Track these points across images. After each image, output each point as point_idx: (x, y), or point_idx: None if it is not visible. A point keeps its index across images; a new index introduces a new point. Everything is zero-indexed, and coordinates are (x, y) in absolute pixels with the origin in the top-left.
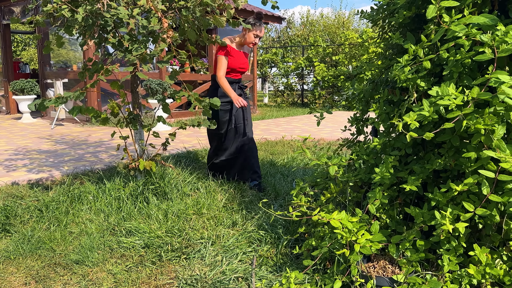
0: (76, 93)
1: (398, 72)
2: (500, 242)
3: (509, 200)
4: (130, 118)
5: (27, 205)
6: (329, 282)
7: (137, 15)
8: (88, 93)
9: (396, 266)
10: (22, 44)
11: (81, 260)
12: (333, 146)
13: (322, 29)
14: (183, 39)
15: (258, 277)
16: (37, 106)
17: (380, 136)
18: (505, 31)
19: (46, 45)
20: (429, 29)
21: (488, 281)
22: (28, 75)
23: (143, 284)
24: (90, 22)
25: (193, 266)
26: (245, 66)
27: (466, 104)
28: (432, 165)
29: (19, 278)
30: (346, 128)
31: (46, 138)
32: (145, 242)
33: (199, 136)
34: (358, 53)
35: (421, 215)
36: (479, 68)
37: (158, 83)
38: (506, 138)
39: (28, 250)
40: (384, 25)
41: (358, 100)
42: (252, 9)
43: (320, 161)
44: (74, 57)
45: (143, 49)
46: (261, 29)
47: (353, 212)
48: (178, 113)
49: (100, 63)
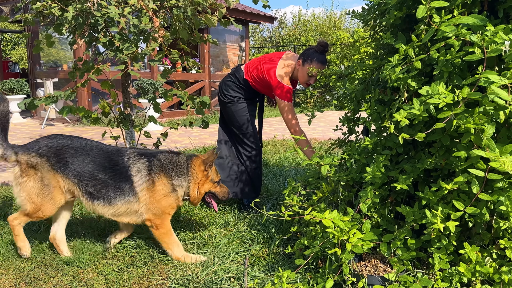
0: (66, 92)
1: (389, 72)
2: (490, 240)
3: (498, 198)
4: (121, 118)
5: (18, 206)
6: (321, 281)
7: (128, 14)
8: (79, 93)
9: (388, 265)
10: (12, 43)
11: (72, 261)
12: (324, 146)
13: (314, 29)
14: (174, 38)
15: (251, 276)
16: (27, 105)
17: (372, 135)
18: (494, 31)
19: (36, 44)
20: (419, 29)
21: (478, 279)
22: (17, 75)
23: (135, 284)
24: (80, 21)
25: (185, 267)
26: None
27: (457, 104)
28: (423, 164)
29: (9, 280)
30: (337, 127)
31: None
32: (136, 243)
33: (191, 136)
34: (350, 53)
35: (412, 214)
36: (469, 68)
37: (150, 83)
38: (496, 137)
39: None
40: (375, 25)
41: (350, 100)
42: (244, 8)
43: (312, 161)
44: (64, 57)
45: (134, 48)
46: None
47: (345, 211)
48: (170, 112)
49: (90, 62)
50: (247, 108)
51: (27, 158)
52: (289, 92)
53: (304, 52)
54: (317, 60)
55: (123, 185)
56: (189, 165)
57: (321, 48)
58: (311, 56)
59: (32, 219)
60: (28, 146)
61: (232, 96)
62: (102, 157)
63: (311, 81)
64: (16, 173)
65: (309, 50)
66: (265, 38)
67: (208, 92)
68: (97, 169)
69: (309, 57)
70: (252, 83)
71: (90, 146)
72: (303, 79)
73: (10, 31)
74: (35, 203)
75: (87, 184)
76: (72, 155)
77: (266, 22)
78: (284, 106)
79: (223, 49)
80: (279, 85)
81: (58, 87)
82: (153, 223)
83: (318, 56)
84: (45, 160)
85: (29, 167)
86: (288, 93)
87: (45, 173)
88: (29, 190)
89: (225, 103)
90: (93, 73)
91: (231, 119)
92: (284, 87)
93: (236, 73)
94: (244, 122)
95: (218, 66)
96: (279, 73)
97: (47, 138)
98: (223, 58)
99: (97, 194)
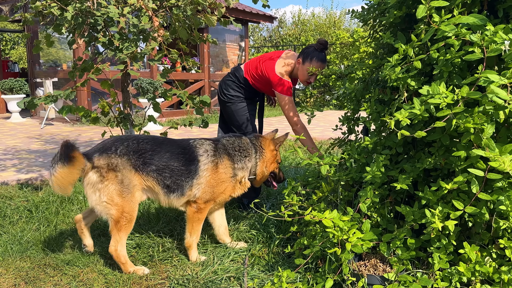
0: (66, 92)
1: (388, 72)
2: (489, 240)
3: (498, 198)
4: (121, 118)
5: (17, 206)
6: (320, 281)
7: (128, 14)
8: (78, 92)
9: (387, 265)
10: (11, 43)
11: (72, 261)
12: (324, 145)
13: (314, 29)
14: (174, 38)
15: (250, 276)
16: (27, 104)
17: (371, 135)
18: (494, 31)
19: (36, 44)
20: (419, 28)
21: (477, 279)
22: (17, 74)
23: (134, 284)
24: (80, 21)
25: (185, 266)
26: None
27: (456, 103)
28: (423, 164)
29: (9, 280)
30: (337, 127)
31: (35, 138)
32: (136, 242)
33: (190, 136)
34: (349, 52)
35: (412, 213)
36: (469, 68)
37: (149, 82)
38: (495, 137)
39: (18, 251)
40: (375, 25)
41: (349, 99)
42: (243, 8)
43: (311, 161)
44: (64, 56)
45: (133, 47)
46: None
47: (345, 211)
48: (169, 112)
49: (90, 62)
50: (247, 108)
51: (107, 161)
52: (290, 89)
53: (304, 50)
54: (317, 58)
55: (192, 167)
56: (258, 145)
57: (321, 46)
58: (311, 55)
59: (121, 227)
60: (100, 150)
61: (232, 95)
62: (173, 146)
63: (311, 79)
64: (93, 180)
65: (309, 48)
66: (264, 37)
67: (208, 91)
68: (172, 158)
69: (309, 55)
70: (252, 81)
71: (161, 139)
72: (303, 78)
73: (10, 30)
74: (117, 205)
75: (165, 176)
76: (149, 150)
77: (266, 21)
78: (286, 104)
79: (222, 49)
80: (280, 82)
81: (57, 87)
82: (198, 204)
83: (318, 54)
84: (126, 159)
85: (109, 169)
86: (289, 89)
87: (126, 173)
88: (111, 193)
89: (225, 102)
90: (93, 72)
91: (231, 119)
92: (285, 83)
93: (236, 72)
94: (244, 121)
95: (218, 66)
96: (279, 71)
97: (113, 140)
98: (222, 58)
99: (173, 185)
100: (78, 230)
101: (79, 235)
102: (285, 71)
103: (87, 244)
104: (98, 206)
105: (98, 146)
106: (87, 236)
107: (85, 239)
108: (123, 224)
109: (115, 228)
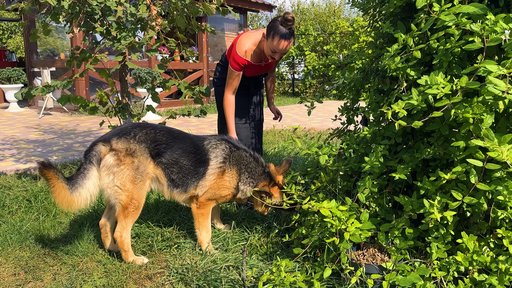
0: (63, 81)
1: (388, 61)
2: (487, 230)
3: (496, 188)
4: (119, 107)
5: (15, 196)
6: (319, 270)
7: (125, 3)
8: (76, 82)
9: (386, 254)
10: (8, 32)
11: (71, 250)
12: (323, 136)
13: (313, 18)
14: (172, 27)
15: (249, 265)
16: (24, 95)
17: (370, 125)
18: (494, 20)
19: (33, 33)
20: (419, 18)
21: (475, 268)
22: (14, 64)
23: (134, 273)
24: (77, 10)
25: (184, 256)
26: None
27: (455, 93)
28: (421, 154)
29: (8, 269)
30: (336, 117)
31: (34, 127)
32: (135, 232)
33: (189, 126)
34: (349, 42)
35: (410, 203)
36: (469, 58)
37: (148, 72)
38: (495, 127)
39: (17, 240)
40: (375, 14)
41: (349, 89)
42: None
43: (310, 151)
44: (61, 45)
45: (131, 37)
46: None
47: (343, 201)
48: (168, 102)
49: (88, 52)
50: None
51: (125, 145)
52: (236, 62)
53: (268, 25)
54: (278, 34)
55: (200, 169)
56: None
57: (283, 20)
58: (274, 30)
59: (128, 214)
60: (118, 134)
61: (219, 78)
62: (187, 143)
63: (275, 56)
64: (109, 163)
65: (274, 22)
66: (264, 26)
67: (207, 81)
68: (183, 155)
69: (271, 30)
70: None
71: (176, 132)
72: (267, 53)
73: (7, 19)
74: (128, 191)
75: (173, 171)
76: (163, 142)
77: (265, 10)
78: (228, 77)
79: (221, 38)
80: (233, 52)
81: (55, 76)
82: (200, 201)
83: (281, 30)
84: (144, 147)
85: (127, 154)
86: (235, 62)
87: (143, 160)
88: (125, 179)
89: (216, 86)
90: (91, 62)
91: (220, 104)
92: (236, 57)
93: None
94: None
95: (217, 55)
96: (243, 42)
97: (132, 126)
98: (221, 47)
99: (179, 181)
100: (103, 235)
101: (103, 239)
102: (251, 44)
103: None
104: (109, 189)
105: (115, 131)
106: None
107: (109, 245)
108: (130, 211)
109: (122, 214)
